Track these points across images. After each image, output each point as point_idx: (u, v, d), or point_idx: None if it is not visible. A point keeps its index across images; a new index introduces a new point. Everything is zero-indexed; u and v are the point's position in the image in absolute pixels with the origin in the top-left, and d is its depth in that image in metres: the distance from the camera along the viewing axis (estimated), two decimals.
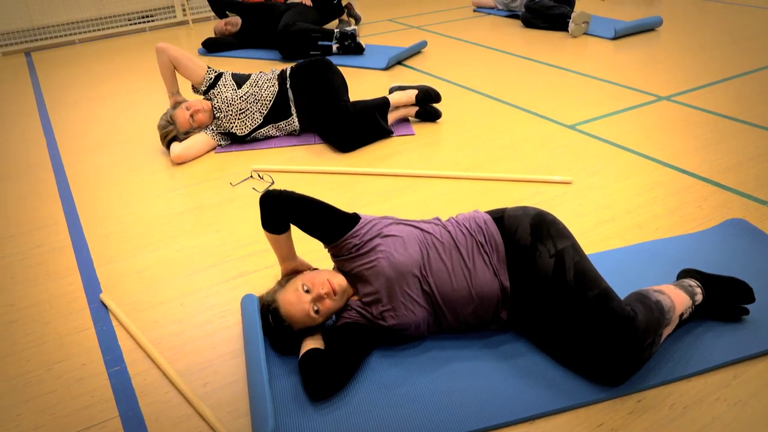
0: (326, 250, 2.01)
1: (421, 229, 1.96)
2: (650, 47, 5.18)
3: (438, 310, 1.90)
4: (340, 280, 1.90)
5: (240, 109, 3.54)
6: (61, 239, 2.77)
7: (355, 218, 1.96)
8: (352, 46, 5.11)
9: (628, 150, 3.31)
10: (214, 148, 3.58)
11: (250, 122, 3.56)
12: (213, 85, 3.63)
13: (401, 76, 4.67)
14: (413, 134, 3.61)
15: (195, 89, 3.67)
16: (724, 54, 4.90)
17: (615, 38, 5.43)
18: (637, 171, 3.08)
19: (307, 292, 1.86)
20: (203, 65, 3.64)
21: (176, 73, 3.68)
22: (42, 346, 2.12)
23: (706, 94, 4.09)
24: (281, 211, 1.90)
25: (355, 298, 1.95)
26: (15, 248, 2.73)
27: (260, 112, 3.56)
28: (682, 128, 3.57)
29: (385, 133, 3.54)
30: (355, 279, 1.94)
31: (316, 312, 1.86)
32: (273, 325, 1.90)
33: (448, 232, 1.95)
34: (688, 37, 5.43)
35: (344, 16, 6.18)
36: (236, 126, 3.55)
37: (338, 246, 1.94)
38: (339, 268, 1.99)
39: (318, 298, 1.86)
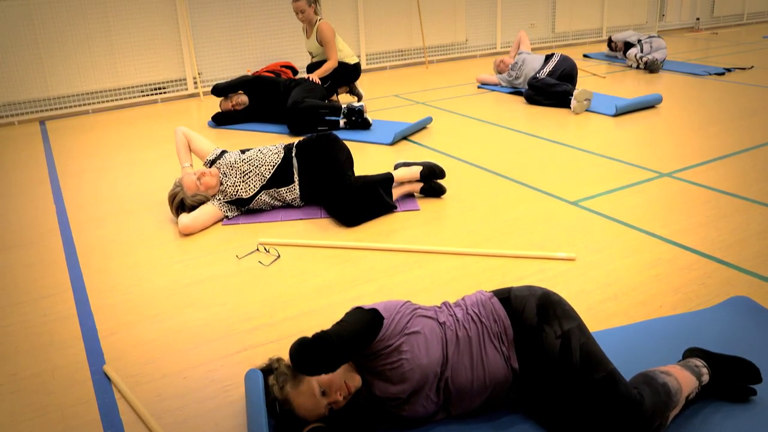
0: None
1: (439, 322, 1.94)
2: (651, 124, 5.28)
3: (451, 401, 1.91)
4: (357, 383, 1.87)
5: (243, 171, 3.64)
6: (66, 308, 2.79)
7: (378, 321, 1.85)
8: (359, 122, 5.22)
9: (631, 226, 3.34)
10: (221, 220, 3.63)
11: (254, 183, 3.63)
12: (219, 157, 3.81)
13: (407, 151, 4.75)
14: (418, 209, 3.66)
15: (204, 163, 3.83)
16: (724, 131, 4.99)
17: (616, 115, 5.54)
18: (640, 247, 3.11)
19: (323, 394, 1.83)
20: (212, 144, 3.89)
21: (189, 148, 3.92)
22: (43, 417, 2.10)
23: (706, 170, 4.15)
24: (325, 365, 1.72)
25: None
26: (21, 316, 2.74)
27: (263, 175, 3.64)
28: (684, 205, 3.61)
29: (389, 208, 3.59)
30: (375, 375, 1.89)
31: (329, 410, 1.85)
32: (281, 415, 1.87)
33: (460, 321, 1.94)
34: (688, 114, 5.54)
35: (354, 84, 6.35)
36: (241, 189, 3.61)
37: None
38: (359, 363, 1.92)
39: (334, 402, 1.84)
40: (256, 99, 5.68)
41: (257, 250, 3.25)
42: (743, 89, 6.51)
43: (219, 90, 5.68)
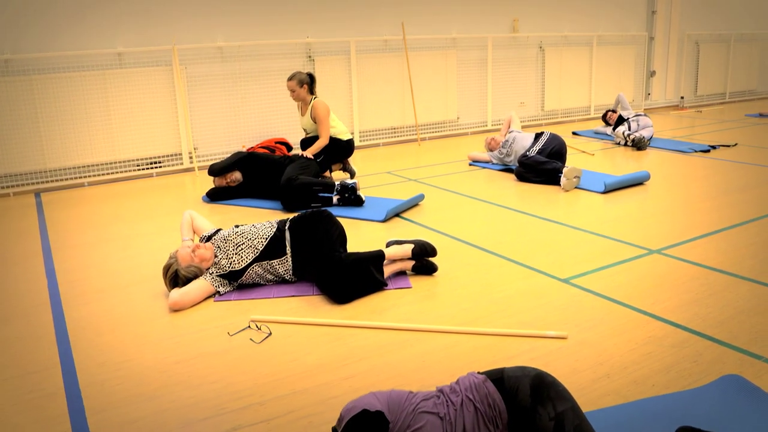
0: None
1: (440, 417, 1.96)
2: (639, 201, 5.36)
3: None
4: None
5: (237, 243, 3.68)
6: (54, 384, 2.75)
7: (384, 424, 1.90)
8: (352, 198, 5.29)
9: (622, 304, 3.36)
10: (213, 296, 3.63)
11: (247, 255, 3.65)
12: (215, 233, 3.88)
13: (399, 228, 4.80)
14: (410, 287, 3.67)
15: (200, 239, 3.90)
16: (711, 207, 5.07)
17: (605, 192, 5.63)
18: (631, 325, 3.12)
19: None
20: (213, 226, 4.02)
21: (192, 226, 4.03)
22: None
23: (695, 247, 4.20)
24: None
25: None
26: (7, 392, 2.70)
27: (256, 247, 3.67)
28: (674, 281, 3.64)
29: (380, 285, 3.61)
30: None
31: None
32: None
33: (457, 410, 1.95)
34: (676, 190, 5.64)
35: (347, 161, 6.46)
36: (234, 261, 3.64)
37: None
38: None
39: None
40: (251, 175, 5.76)
41: (249, 327, 3.24)
42: (728, 166, 6.65)
43: (215, 171, 5.77)
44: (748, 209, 5.02)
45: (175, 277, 3.61)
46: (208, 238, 3.86)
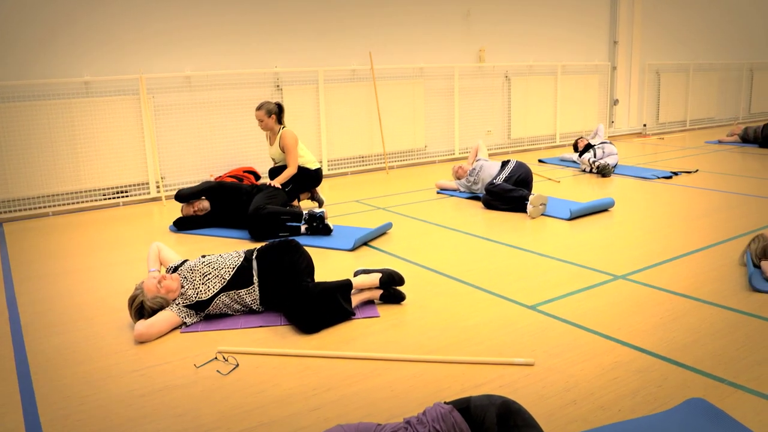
0: None
1: None
2: (604, 227, 5.45)
3: None
4: None
5: (203, 273, 3.66)
6: (13, 420, 2.68)
7: None
8: (320, 228, 5.29)
9: (588, 330, 3.39)
10: (180, 328, 3.58)
11: (213, 285, 3.62)
12: (181, 264, 3.84)
13: (367, 257, 4.80)
14: (378, 316, 3.67)
15: (167, 270, 3.86)
16: (674, 233, 5.17)
17: (571, 219, 5.70)
18: (597, 351, 3.15)
19: None
20: (180, 257, 3.99)
21: (159, 257, 4.00)
22: None
23: (659, 272, 4.26)
24: None
25: None
26: None
27: (223, 277, 3.65)
28: (639, 307, 3.69)
29: (347, 314, 3.60)
30: None
31: None
32: None
33: None
34: (640, 216, 5.74)
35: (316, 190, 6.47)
36: (201, 290, 3.61)
37: None
38: None
39: None
40: (219, 205, 5.73)
41: (216, 358, 3.20)
42: (690, 192, 6.79)
43: (182, 196, 5.73)
44: (709, 234, 5.13)
45: (141, 309, 3.56)
46: (175, 269, 3.83)
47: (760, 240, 4.28)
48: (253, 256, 3.76)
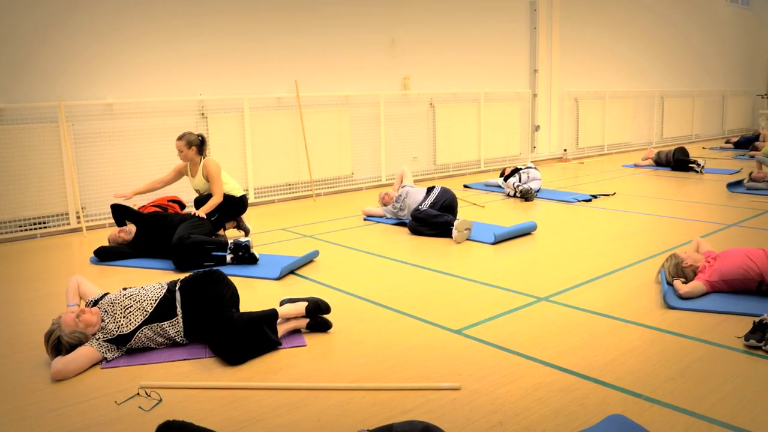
0: None
1: None
2: (527, 250, 5.58)
3: None
4: None
5: (125, 306, 3.57)
6: None
7: None
8: (245, 257, 5.22)
9: (513, 352, 3.46)
10: (100, 363, 3.47)
11: (135, 318, 3.53)
12: (101, 298, 3.74)
13: (294, 286, 4.77)
14: (305, 345, 3.64)
15: (86, 304, 3.75)
16: (594, 254, 5.34)
17: (495, 243, 5.82)
18: (522, 372, 3.21)
19: None
20: (101, 291, 3.89)
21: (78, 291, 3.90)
22: None
23: (580, 293, 4.39)
24: None
25: None
26: None
27: (145, 309, 3.57)
28: (561, 327, 3.78)
29: (273, 344, 3.56)
30: None
31: None
32: None
33: None
34: (561, 239, 5.90)
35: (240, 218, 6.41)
36: (122, 324, 3.51)
37: None
38: None
39: None
40: (143, 234, 5.61)
41: (138, 394, 3.11)
42: (608, 214, 7.04)
43: (117, 210, 5.75)
44: (627, 255, 5.32)
45: (58, 345, 3.42)
46: (95, 303, 3.71)
47: (672, 259, 4.47)
48: (177, 288, 3.69)
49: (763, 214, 6.94)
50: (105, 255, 5.56)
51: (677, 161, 10.63)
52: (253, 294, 4.55)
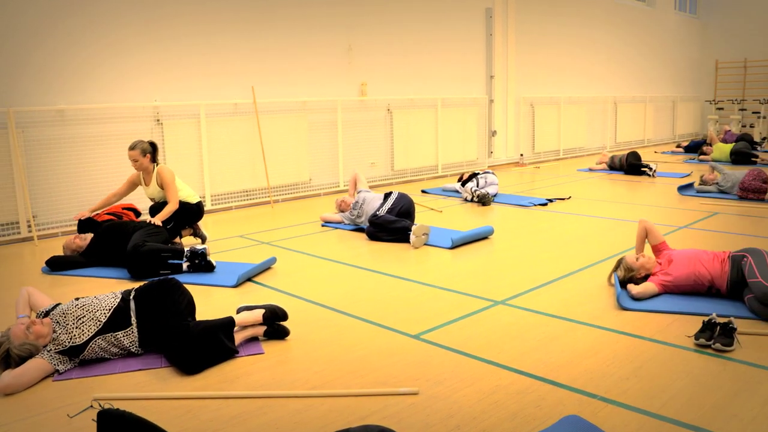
0: None
1: None
2: (484, 254, 5.63)
3: None
4: None
5: (77, 316, 3.50)
6: None
7: None
8: (202, 264, 5.17)
9: (470, 356, 3.48)
10: (52, 376, 3.39)
11: (88, 328, 3.46)
12: (53, 308, 3.66)
13: (251, 293, 4.73)
14: (262, 353, 3.61)
15: (37, 315, 3.67)
16: (550, 258, 5.41)
17: (452, 248, 5.86)
18: (479, 376, 3.23)
19: None
20: (53, 302, 3.80)
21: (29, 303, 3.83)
22: None
23: (536, 296, 4.45)
24: None
25: None
26: None
27: (98, 319, 3.51)
28: (518, 330, 3.83)
29: (230, 353, 3.52)
30: None
31: None
32: None
33: None
34: (518, 243, 5.97)
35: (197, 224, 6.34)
36: (75, 335, 3.44)
37: None
38: None
39: None
40: (96, 243, 5.50)
41: (91, 407, 3.04)
42: (564, 218, 7.15)
43: (82, 225, 5.78)
44: (582, 257, 5.40)
45: (8, 357, 3.34)
46: (46, 314, 3.62)
47: (623, 262, 4.55)
48: (131, 296, 3.63)
49: (713, 216, 7.13)
50: (57, 265, 5.44)
51: (630, 165, 10.86)
52: (210, 302, 4.50)
